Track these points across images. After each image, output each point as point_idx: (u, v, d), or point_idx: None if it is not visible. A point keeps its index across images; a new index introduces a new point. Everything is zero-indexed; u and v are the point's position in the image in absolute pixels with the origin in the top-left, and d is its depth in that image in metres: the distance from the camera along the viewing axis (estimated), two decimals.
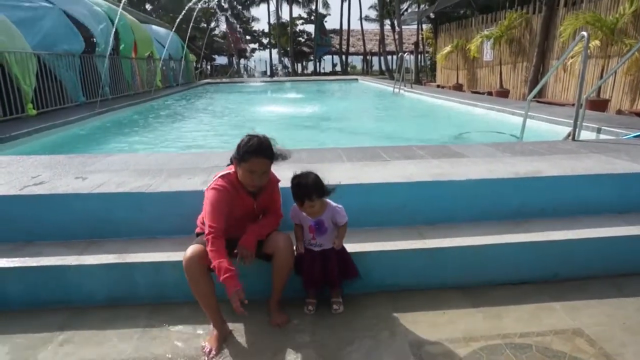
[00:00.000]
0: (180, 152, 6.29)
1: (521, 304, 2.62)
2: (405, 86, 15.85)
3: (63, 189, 3.06)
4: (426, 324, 2.44)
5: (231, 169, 2.48)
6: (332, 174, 3.35)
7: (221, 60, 48.32)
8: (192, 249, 2.30)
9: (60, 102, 10.35)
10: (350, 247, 2.75)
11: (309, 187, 2.43)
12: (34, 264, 2.65)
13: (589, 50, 8.77)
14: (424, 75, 27.90)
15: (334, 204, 2.55)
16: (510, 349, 2.21)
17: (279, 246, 2.45)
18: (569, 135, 5.11)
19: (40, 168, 3.74)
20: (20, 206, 2.95)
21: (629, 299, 2.66)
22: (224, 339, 2.33)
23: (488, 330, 2.37)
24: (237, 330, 2.43)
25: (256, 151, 2.34)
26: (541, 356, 2.14)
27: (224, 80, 29.72)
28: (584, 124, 5.58)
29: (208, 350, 2.23)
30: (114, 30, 12.50)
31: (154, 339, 2.35)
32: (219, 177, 2.45)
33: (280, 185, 2.62)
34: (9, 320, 2.53)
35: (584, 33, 4.88)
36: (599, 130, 5.92)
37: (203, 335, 2.37)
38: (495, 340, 2.28)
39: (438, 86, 20.31)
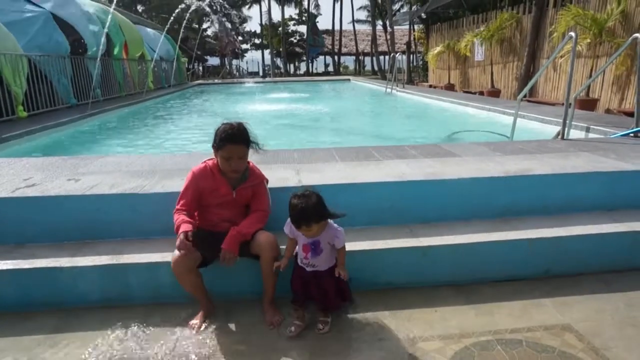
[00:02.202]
0: (173, 153, 6.29)
1: (512, 300, 2.66)
2: (397, 86, 15.92)
3: (55, 190, 3.05)
4: (419, 321, 2.47)
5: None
6: (325, 174, 3.38)
7: (213, 61, 48.23)
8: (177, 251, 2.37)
9: (51, 104, 10.28)
10: None
11: (308, 211, 2.21)
12: (27, 266, 2.64)
13: (578, 50, 8.88)
14: (416, 76, 28.04)
15: (335, 225, 2.40)
16: (501, 344, 2.24)
17: (263, 247, 2.46)
18: (558, 134, 5.18)
19: (32, 170, 3.72)
20: (11, 208, 2.94)
21: (617, 294, 2.71)
22: (209, 315, 2.52)
23: (480, 327, 2.40)
24: (231, 329, 2.44)
25: (231, 137, 2.42)
26: (531, 351, 2.18)
27: (216, 81, 29.64)
28: (573, 123, 5.65)
29: (195, 325, 2.43)
30: (105, 31, 12.43)
31: (149, 339, 2.35)
32: (202, 161, 2.58)
33: (270, 185, 2.64)
34: (3, 322, 2.53)
35: (572, 33, 4.95)
36: (587, 129, 6.00)
37: (196, 337, 2.38)
38: (487, 336, 2.32)
39: (430, 86, 20.42)
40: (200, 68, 44.21)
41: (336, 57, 45.57)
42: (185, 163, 3.93)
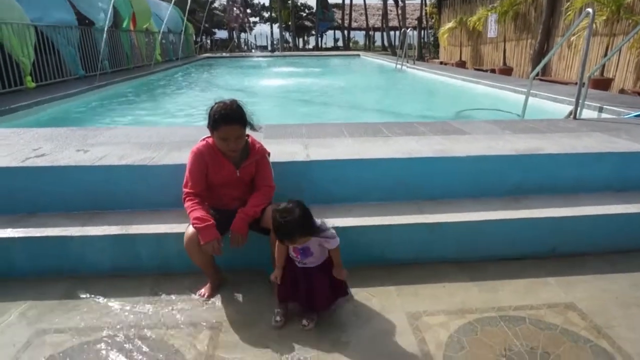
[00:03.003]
0: (181, 125, 6.29)
1: (517, 278, 2.68)
2: (407, 62, 15.68)
3: (65, 161, 3.08)
4: (424, 297, 2.50)
5: None
6: (334, 149, 3.37)
7: (221, 34, 47.63)
8: (192, 227, 2.36)
9: (60, 75, 10.27)
10: (351, 222, 2.79)
11: (290, 227, 2.03)
12: (38, 235, 2.69)
13: (594, 28, 8.64)
14: (426, 52, 27.54)
15: (328, 230, 2.19)
16: (504, 321, 2.26)
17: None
18: (570, 113, 5.10)
19: (41, 140, 3.74)
20: (22, 178, 2.97)
21: (623, 274, 2.71)
22: (218, 285, 2.57)
23: (484, 303, 2.42)
24: (238, 300, 2.49)
25: (225, 118, 2.33)
26: (534, 328, 2.20)
27: (224, 54, 29.35)
28: (586, 102, 5.55)
29: (203, 294, 2.50)
30: (112, 3, 12.27)
31: (157, 307, 2.41)
32: (202, 139, 2.50)
33: (278, 159, 2.55)
34: (17, 287, 2.59)
35: (589, 10, 4.80)
36: (600, 109, 5.90)
37: (204, 306, 2.44)
38: (490, 312, 2.34)
39: (441, 63, 20.09)
40: (208, 41, 43.72)
41: (346, 32, 44.76)
42: (194, 135, 3.93)
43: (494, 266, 2.81)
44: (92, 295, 2.52)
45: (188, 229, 2.38)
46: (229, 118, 2.34)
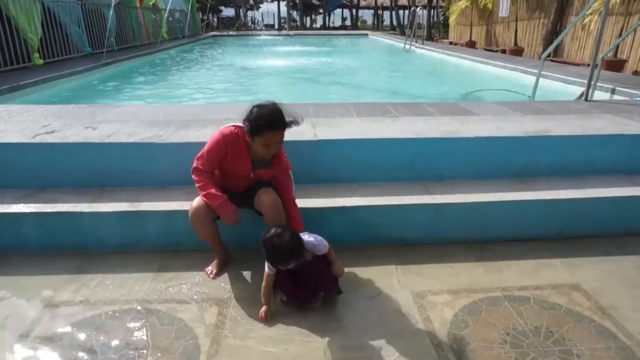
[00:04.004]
0: (188, 103, 6.29)
1: (523, 259, 2.69)
2: (416, 42, 15.44)
3: (74, 138, 3.10)
4: (430, 276, 2.52)
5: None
6: (342, 129, 3.36)
7: (228, 12, 47.03)
8: (198, 201, 2.40)
9: (66, 52, 10.24)
10: (358, 202, 2.81)
11: (281, 253, 2.06)
12: (49, 210, 2.73)
13: (609, 7, 8.42)
14: (436, 32, 27.07)
15: (312, 240, 2.23)
16: (509, 300, 2.29)
17: (265, 209, 2.40)
18: (582, 95, 5.02)
19: (50, 117, 3.76)
20: (32, 154, 3.00)
21: (629, 257, 2.71)
22: (225, 262, 2.62)
23: (489, 283, 2.44)
24: (245, 277, 2.53)
25: (270, 124, 2.23)
26: (538, 308, 2.22)
27: (231, 33, 29.05)
28: (598, 84, 5.46)
29: (211, 272, 2.54)
30: None
31: (166, 283, 2.45)
32: (232, 125, 2.43)
33: (284, 138, 2.48)
34: (28, 262, 2.65)
35: None
36: (613, 91, 5.80)
37: (212, 282, 2.48)
38: (495, 292, 2.36)
39: (450, 43, 19.75)
40: (215, 19, 43.24)
41: (354, 11, 44.05)
42: (201, 114, 3.94)
43: (500, 247, 2.82)
44: (102, 271, 2.56)
45: (193, 203, 2.42)
46: (276, 125, 2.25)
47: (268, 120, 2.23)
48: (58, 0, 9.96)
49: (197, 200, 2.41)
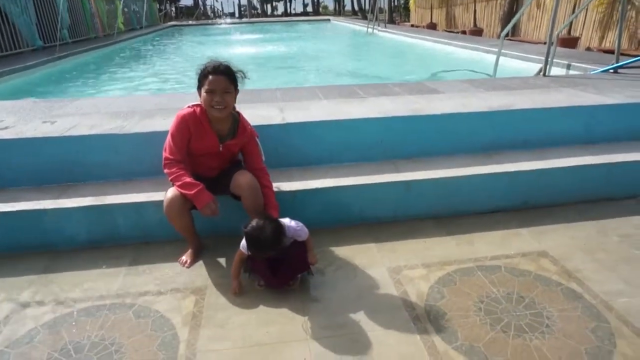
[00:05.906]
0: (151, 94, 6.10)
1: (492, 230, 2.78)
2: (379, 26, 15.49)
3: (31, 133, 2.96)
4: (404, 252, 2.56)
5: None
6: (309, 112, 3.34)
7: (186, 1, 45.77)
8: (172, 191, 2.34)
9: (15, 47, 9.72)
10: (330, 183, 2.82)
11: (263, 244, 2.05)
12: (9, 209, 2.60)
13: None
14: (397, 15, 27.22)
15: (293, 225, 2.22)
16: (481, 270, 2.36)
17: (244, 190, 2.39)
18: (540, 71, 5.18)
19: (3, 113, 3.57)
20: None
21: (590, 222, 2.84)
22: (199, 252, 2.59)
23: (461, 255, 2.51)
24: (220, 264, 2.50)
25: (213, 69, 2.32)
26: (509, 275, 2.30)
27: (190, 22, 28.30)
28: (554, 60, 5.64)
29: (185, 261, 2.51)
30: None
31: (139, 276, 2.39)
32: (187, 105, 2.43)
33: (253, 123, 2.49)
34: None
35: None
36: (568, 66, 6.01)
37: (187, 272, 2.44)
38: (468, 263, 2.43)
39: (412, 26, 19.91)
40: (173, 9, 41.97)
41: None
42: (165, 103, 3.83)
43: (469, 220, 2.90)
44: (72, 268, 2.48)
45: (167, 194, 2.35)
46: (216, 69, 2.32)
47: (209, 66, 2.33)
48: None
49: (172, 191, 2.34)
